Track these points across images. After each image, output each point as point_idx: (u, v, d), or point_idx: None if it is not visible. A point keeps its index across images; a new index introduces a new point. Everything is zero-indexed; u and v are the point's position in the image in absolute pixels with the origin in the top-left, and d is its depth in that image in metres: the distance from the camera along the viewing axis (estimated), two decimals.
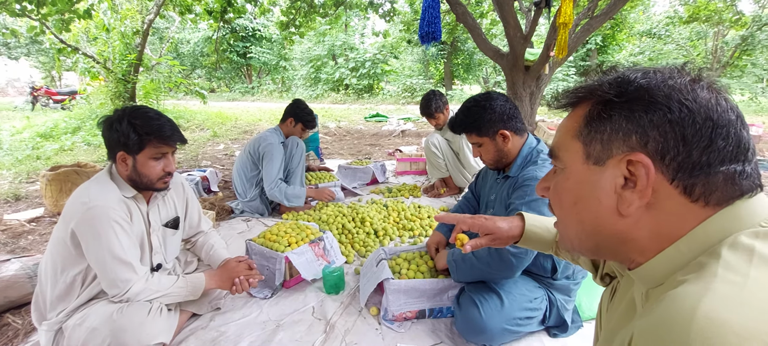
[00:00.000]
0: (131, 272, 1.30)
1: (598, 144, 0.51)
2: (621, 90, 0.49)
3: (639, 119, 0.47)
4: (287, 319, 1.66)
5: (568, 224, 0.58)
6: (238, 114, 10.61)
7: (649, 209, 0.48)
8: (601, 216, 0.52)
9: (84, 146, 5.83)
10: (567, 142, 0.55)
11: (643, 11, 17.75)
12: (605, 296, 0.86)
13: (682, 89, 0.47)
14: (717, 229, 0.46)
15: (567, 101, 0.57)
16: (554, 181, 0.59)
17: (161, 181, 1.41)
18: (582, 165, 0.53)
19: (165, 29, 16.25)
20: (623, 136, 0.48)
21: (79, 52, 7.14)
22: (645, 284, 0.53)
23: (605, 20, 4.72)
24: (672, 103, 0.46)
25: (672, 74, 0.48)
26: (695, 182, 0.46)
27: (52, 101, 11.92)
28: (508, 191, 1.52)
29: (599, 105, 0.51)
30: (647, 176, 0.47)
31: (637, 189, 0.48)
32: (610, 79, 0.51)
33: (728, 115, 0.46)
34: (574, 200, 0.55)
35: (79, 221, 1.26)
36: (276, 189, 2.75)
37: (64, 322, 1.32)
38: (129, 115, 1.33)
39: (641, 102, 0.47)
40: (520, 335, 1.50)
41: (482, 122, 1.51)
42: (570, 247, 0.60)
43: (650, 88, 0.47)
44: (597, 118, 0.51)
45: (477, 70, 18.97)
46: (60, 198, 2.91)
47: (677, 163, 0.46)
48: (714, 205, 0.46)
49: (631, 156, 0.47)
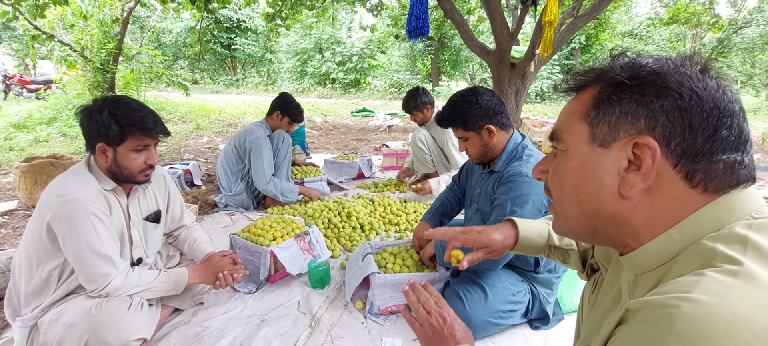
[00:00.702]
0: (110, 267, 1.27)
1: (605, 126, 0.51)
2: (633, 73, 0.50)
3: (649, 103, 0.48)
4: (272, 313, 1.64)
5: (566, 206, 0.58)
6: (222, 107, 10.43)
7: (650, 193, 0.49)
8: (602, 198, 0.52)
9: (60, 137, 5.64)
10: (572, 124, 0.55)
11: (626, 12, 18.15)
12: (587, 289, 0.88)
13: (693, 77, 0.47)
14: (710, 219, 0.47)
15: (575, 83, 0.57)
16: (554, 163, 0.59)
17: (142, 173, 1.37)
18: (587, 146, 0.53)
19: (146, 18, 15.80)
20: (632, 119, 0.49)
21: (55, 40, 6.88)
22: (634, 270, 0.54)
23: (589, 20, 4.80)
24: (683, 89, 0.47)
25: (684, 62, 0.49)
26: (697, 168, 0.47)
27: (25, 90, 11.47)
28: (493, 186, 1.53)
29: (610, 87, 0.51)
30: (653, 159, 0.47)
31: (641, 172, 0.48)
32: (621, 63, 0.52)
33: (733, 105, 0.47)
34: (575, 182, 0.55)
35: (55, 214, 1.22)
36: (271, 185, 2.72)
37: (39, 318, 1.28)
38: (110, 105, 1.28)
39: (653, 86, 0.48)
40: (503, 327, 1.52)
41: (468, 117, 1.52)
42: (566, 230, 0.60)
43: (663, 74, 0.48)
44: (606, 101, 0.51)
45: (464, 67, 19.09)
46: (34, 190, 2.81)
47: (682, 148, 0.47)
48: (712, 192, 0.47)
49: (638, 139, 0.48)
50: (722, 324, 0.35)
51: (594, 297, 0.81)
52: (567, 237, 0.64)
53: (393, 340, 1.48)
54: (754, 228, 0.44)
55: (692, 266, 0.45)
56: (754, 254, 0.41)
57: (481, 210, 1.60)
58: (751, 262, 0.40)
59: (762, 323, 0.35)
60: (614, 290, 0.63)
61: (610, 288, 0.66)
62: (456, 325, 0.90)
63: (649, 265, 0.51)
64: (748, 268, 0.40)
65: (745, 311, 0.36)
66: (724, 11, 23.41)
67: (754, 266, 0.40)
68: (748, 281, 0.38)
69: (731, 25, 13.09)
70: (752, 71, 15.89)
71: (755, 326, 0.35)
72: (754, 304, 0.36)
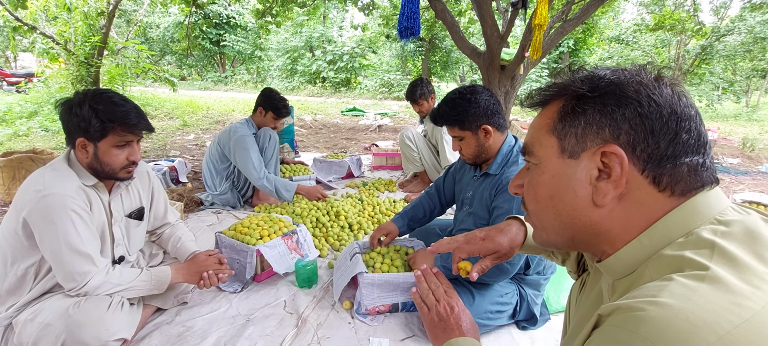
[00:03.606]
0: (90, 265, 1.23)
1: (572, 138, 0.53)
2: (593, 85, 0.52)
3: (612, 113, 0.50)
4: (258, 313, 1.62)
5: (543, 217, 0.59)
6: (210, 103, 10.27)
7: (622, 200, 0.51)
8: (578, 207, 0.53)
9: (41, 132, 5.49)
10: (541, 138, 0.57)
11: (613, 18, 18.46)
12: (575, 289, 0.89)
13: (649, 85, 0.50)
14: (677, 223, 0.48)
15: (539, 99, 0.59)
16: (529, 177, 0.60)
17: (124, 170, 1.33)
18: (557, 159, 0.55)
19: (133, 12, 15.48)
20: (597, 129, 0.51)
21: (37, 32, 6.70)
22: (611, 276, 0.55)
23: (578, 24, 4.86)
24: (641, 97, 0.49)
25: (639, 72, 0.52)
26: (663, 171, 0.49)
27: (5, 83, 11.14)
28: (490, 192, 1.50)
29: (573, 100, 0.53)
30: (621, 166, 0.49)
31: (612, 179, 0.50)
32: (581, 76, 0.54)
33: (689, 110, 0.49)
34: (550, 194, 0.56)
35: (32, 210, 1.18)
36: (265, 181, 2.60)
37: (14, 317, 1.24)
38: (91, 99, 1.24)
39: (613, 96, 0.50)
40: (491, 328, 1.53)
41: (466, 116, 1.48)
42: (545, 241, 0.61)
43: (621, 84, 0.50)
44: (571, 113, 0.53)
45: (454, 68, 19.18)
46: (13, 186, 2.72)
47: (647, 154, 0.48)
48: (679, 195, 0.49)
49: (605, 148, 0.50)
50: (686, 327, 0.36)
51: (581, 297, 0.82)
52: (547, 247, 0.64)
53: (380, 340, 1.47)
54: (719, 234, 0.46)
55: (662, 271, 0.46)
56: (720, 259, 0.42)
57: (475, 214, 1.57)
58: (717, 266, 0.41)
59: (725, 326, 0.36)
60: (595, 292, 0.65)
61: (592, 288, 0.67)
62: (463, 316, 0.90)
63: (622, 270, 0.53)
64: (714, 272, 0.41)
65: (708, 315, 0.37)
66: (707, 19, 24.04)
67: (719, 270, 0.41)
68: (713, 285, 0.39)
69: (714, 32, 13.41)
70: (733, 78, 16.32)
71: (718, 329, 0.35)
72: (717, 307, 0.37)
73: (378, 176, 3.83)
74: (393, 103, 13.15)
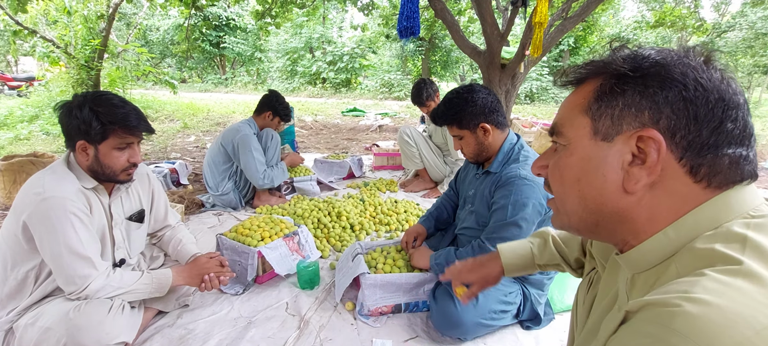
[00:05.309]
0: (90, 268, 1.22)
1: (607, 119, 0.50)
2: (636, 65, 0.48)
3: (653, 95, 0.46)
4: (260, 315, 1.61)
5: (568, 201, 0.56)
6: (210, 105, 10.27)
7: (653, 188, 0.48)
8: (606, 193, 0.51)
9: (42, 136, 5.49)
10: (573, 117, 0.54)
11: (613, 15, 18.42)
12: (582, 288, 0.87)
13: (697, 68, 0.46)
14: (707, 217, 0.46)
15: (574, 77, 0.55)
16: (555, 158, 0.58)
17: (125, 173, 1.33)
18: (589, 141, 0.52)
19: (133, 15, 15.52)
20: (635, 112, 0.47)
21: (37, 36, 6.69)
22: (631, 269, 0.53)
23: (578, 22, 4.84)
24: (688, 80, 0.45)
25: (687, 53, 0.48)
26: (702, 161, 0.46)
27: (7, 87, 11.16)
28: (490, 189, 1.50)
29: (612, 79, 0.50)
30: (658, 152, 0.46)
31: (646, 166, 0.47)
32: (623, 54, 0.50)
33: (737, 98, 0.46)
34: (577, 176, 0.53)
35: (31, 213, 1.17)
36: (267, 180, 2.71)
37: (15, 321, 1.23)
38: (91, 101, 1.24)
39: (657, 78, 0.47)
40: (494, 328, 1.51)
41: (464, 115, 1.49)
42: (566, 224, 0.58)
43: (666, 65, 0.47)
44: (609, 93, 0.50)
45: (454, 68, 19.15)
46: (13, 190, 2.72)
47: (687, 141, 0.46)
48: (715, 187, 0.46)
49: (642, 132, 0.47)
50: (722, 321, 0.35)
51: (589, 297, 0.81)
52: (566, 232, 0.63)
53: (383, 341, 1.46)
54: (752, 227, 0.44)
55: (691, 266, 0.44)
56: (753, 253, 0.41)
57: (477, 212, 1.57)
58: (751, 260, 0.40)
59: (762, 321, 0.35)
60: (612, 290, 0.62)
61: (608, 288, 0.65)
62: None
63: (645, 264, 0.50)
64: (747, 266, 0.39)
65: (745, 309, 0.36)
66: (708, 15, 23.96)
67: (753, 264, 0.39)
68: (748, 280, 0.38)
69: (715, 28, 13.39)
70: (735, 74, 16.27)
71: (755, 324, 0.34)
72: (754, 302, 0.36)
73: (379, 176, 3.82)
74: (393, 104, 13.13)
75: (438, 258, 1.54)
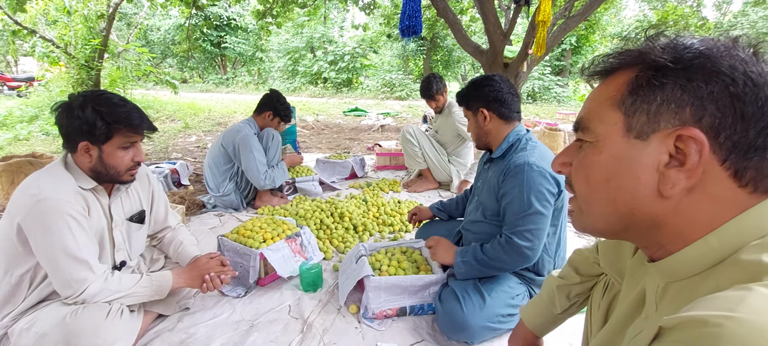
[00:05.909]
0: (87, 271, 1.19)
1: (643, 115, 0.45)
2: (677, 56, 0.44)
3: (697, 89, 0.42)
4: (262, 318, 1.57)
5: (594, 203, 0.51)
6: (211, 105, 10.24)
7: (692, 192, 0.44)
8: (638, 196, 0.46)
9: (42, 136, 5.47)
10: (603, 112, 0.49)
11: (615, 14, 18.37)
12: (597, 291, 0.84)
13: (747, 61, 0.42)
14: (753, 225, 0.41)
15: (604, 67, 0.50)
16: (580, 156, 0.53)
17: (129, 173, 1.30)
18: (620, 138, 0.47)
19: (133, 14, 15.51)
20: (675, 108, 0.43)
21: (37, 36, 6.67)
22: (666, 278, 0.49)
23: (581, 21, 4.81)
24: (736, 74, 0.41)
25: (734, 43, 0.43)
26: (748, 164, 0.41)
27: (6, 87, 11.14)
28: (498, 178, 1.47)
29: (650, 71, 0.45)
30: (700, 153, 0.42)
31: (686, 168, 0.43)
32: (662, 43, 0.45)
33: None
34: (606, 177, 0.49)
35: (26, 215, 1.14)
36: (268, 180, 2.68)
37: (9, 326, 1.19)
38: (92, 101, 1.20)
39: (702, 70, 0.42)
40: (502, 331, 1.48)
41: (470, 96, 1.59)
42: (590, 228, 0.54)
43: (712, 57, 0.42)
44: (646, 86, 0.45)
45: (456, 67, 19.13)
46: (12, 190, 2.69)
47: (732, 142, 0.41)
48: (762, 192, 0.42)
49: (682, 131, 0.42)
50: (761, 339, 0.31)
51: (605, 301, 0.78)
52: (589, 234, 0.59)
53: (388, 345, 1.43)
54: None
55: (735, 278, 0.40)
56: None
57: (483, 203, 1.57)
58: None
59: None
60: (635, 294, 0.58)
61: (630, 292, 0.61)
62: None
63: (683, 273, 0.46)
64: None
65: None
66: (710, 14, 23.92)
67: None
68: None
69: (717, 27, 13.35)
70: None
71: None
72: None
73: (382, 176, 3.79)
74: (395, 103, 13.10)
75: (464, 255, 1.48)
